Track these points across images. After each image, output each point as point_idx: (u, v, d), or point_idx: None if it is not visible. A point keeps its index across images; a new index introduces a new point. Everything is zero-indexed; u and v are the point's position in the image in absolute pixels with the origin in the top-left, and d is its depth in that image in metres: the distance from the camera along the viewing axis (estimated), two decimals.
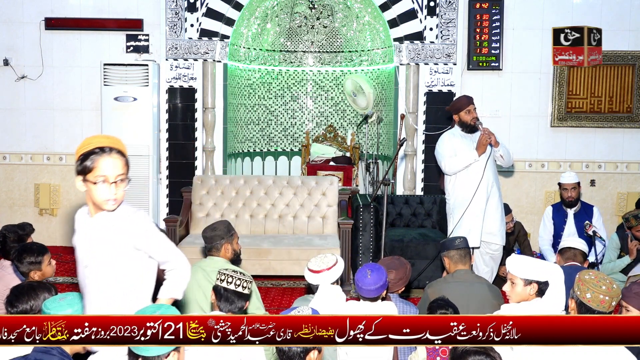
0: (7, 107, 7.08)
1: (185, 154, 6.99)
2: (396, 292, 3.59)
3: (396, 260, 3.65)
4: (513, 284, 3.09)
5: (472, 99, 4.86)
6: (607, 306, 2.73)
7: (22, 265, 3.74)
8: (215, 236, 3.80)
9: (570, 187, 5.63)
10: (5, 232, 4.15)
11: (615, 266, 5.22)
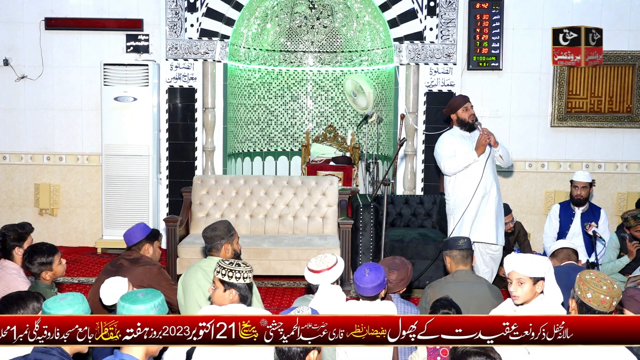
0: (7, 107, 7.08)
1: (185, 154, 6.99)
2: (397, 292, 3.58)
3: (397, 260, 3.65)
4: (521, 284, 3.07)
5: (467, 97, 4.87)
6: (608, 306, 2.73)
7: (33, 267, 3.75)
8: (215, 236, 3.79)
9: (581, 185, 5.65)
10: (4, 232, 4.15)
11: (615, 266, 5.22)
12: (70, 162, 7.14)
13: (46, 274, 3.76)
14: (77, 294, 2.54)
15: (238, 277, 2.97)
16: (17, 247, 4.09)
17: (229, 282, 2.98)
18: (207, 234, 3.82)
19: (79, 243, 7.19)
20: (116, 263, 4.15)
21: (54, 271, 3.80)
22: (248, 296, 3.02)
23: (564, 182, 6.79)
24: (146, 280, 4.06)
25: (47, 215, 7.20)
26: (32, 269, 3.76)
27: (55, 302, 2.47)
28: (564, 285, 3.53)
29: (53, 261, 3.78)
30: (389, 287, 3.50)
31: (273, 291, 5.68)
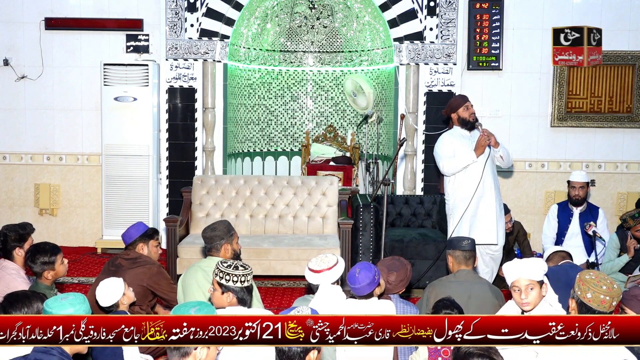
0: (7, 107, 7.08)
1: (185, 154, 6.99)
2: (397, 293, 3.58)
3: (397, 261, 3.64)
4: (532, 289, 3.04)
5: (467, 97, 4.87)
6: (608, 306, 2.73)
7: (36, 266, 3.75)
8: (215, 236, 3.79)
9: (578, 186, 5.65)
10: (5, 232, 4.15)
11: (615, 265, 5.23)
12: (70, 162, 7.14)
13: (48, 273, 3.77)
14: (78, 294, 2.54)
15: (235, 281, 2.96)
16: (17, 247, 4.09)
17: (226, 285, 2.97)
18: (206, 234, 3.81)
19: (79, 243, 7.19)
20: (115, 263, 4.15)
21: (56, 271, 3.80)
22: (246, 299, 2.99)
23: (564, 182, 6.79)
24: (145, 280, 4.06)
25: (47, 215, 7.20)
26: (34, 268, 3.77)
27: (56, 301, 2.47)
28: (563, 283, 3.54)
29: (55, 261, 3.78)
30: (388, 288, 3.50)
31: (273, 291, 5.68)
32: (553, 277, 3.75)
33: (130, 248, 4.24)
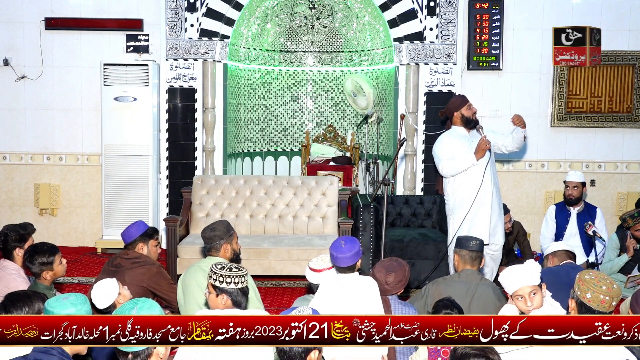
0: (7, 107, 7.08)
1: (185, 154, 6.99)
2: (395, 294, 3.58)
3: (395, 262, 3.63)
4: (534, 295, 3.02)
5: (466, 97, 4.86)
6: (608, 306, 2.73)
7: (34, 266, 3.75)
8: (214, 236, 3.78)
9: (572, 185, 5.65)
10: (6, 232, 4.15)
11: (614, 265, 5.23)
12: (70, 162, 7.14)
13: (47, 273, 3.76)
14: (79, 295, 2.55)
15: (229, 282, 2.95)
16: (18, 247, 4.09)
17: (220, 287, 2.96)
18: (206, 234, 3.81)
19: (79, 243, 7.19)
20: (114, 263, 4.13)
21: (55, 271, 3.80)
22: (241, 301, 2.97)
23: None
24: (145, 280, 4.05)
25: (47, 215, 7.20)
26: (32, 268, 3.76)
27: (58, 301, 2.47)
28: (564, 283, 3.53)
29: (54, 261, 3.78)
30: (386, 289, 3.49)
31: (273, 291, 5.68)
32: (554, 277, 3.74)
33: (129, 247, 4.23)
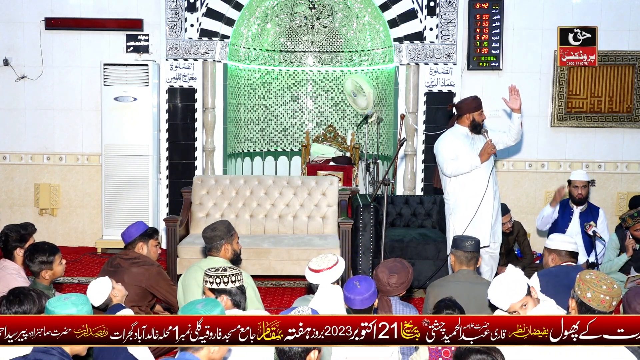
0: (7, 107, 7.08)
1: (185, 154, 6.99)
2: (397, 295, 3.58)
3: (399, 263, 3.61)
4: (525, 307, 2.99)
5: (481, 101, 4.85)
6: (608, 306, 2.73)
7: (34, 265, 3.75)
8: (215, 236, 3.78)
9: (581, 185, 5.63)
10: (7, 232, 4.15)
11: (614, 265, 5.22)
12: (70, 162, 7.14)
13: (46, 273, 3.76)
14: (80, 295, 2.55)
15: (226, 282, 2.94)
16: (18, 247, 4.09)
17: (218, 289, 2.96)
18: (206, 235, 3.81)
19: (79, 243, 7.19)
20: (113, 263, 4.13)
21: (54, 271, 3.80)
22: (240, 301, 2.97)
23: (564, 182, 6.77)
24: (144, 280, 4.04)
25: (47, 215, 7.20)
26: (32, 267, 3.76)
27: (59, 301, 2.47)
28: (564, 285, 3.52)
29: (54, 260, 3.78)
30: (389, 290, 3.49)
31: (273, 291, 5.68)
32: (554, 278, 3.72)
33: (129, 247, 4.22)
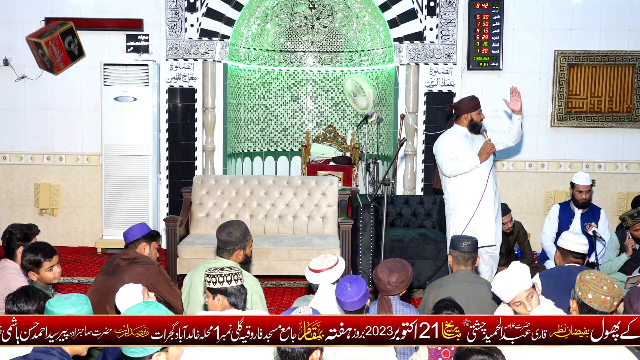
0: (7, 107, 7.08)
1: (185, 154, 6.99)
2: (397, 294, 3.58)
3: (398, 262, 3.61)
4: (532, 298, 3.02)
5: (479, 101, 4.86)
6: (609, 306, 2.73)
7: (24, 260, 3.75)
8: (229, 242, 3.70)
9: (585, 189, 5.59)
10: (11, 229, 4.16)
11: (613, 265, 5.22)
12: (70, 162, 7.14)
13: (32, 274, 3.74)
14: (80, 295, 2.55)
15: (222, 281, 2.94)
16: (21, 246, 4.09)
17: (214, 289, 2.95)
18: (222, 238, 3.72)
19: (79, 243, 7.19)
20: (113, 263, 4.11)
21: (41, 275, 3.76)
22: (237, 302, 2.95)
23: (564, 182, 6.79)
24: (144, 280, 4.00)
25: (47, 215, 7.20)
26: (23, 261, 3.76)
27: (59, 301, 2.48)
28: (564, 287, 3.50)
29: (41, 266, 3.73)
30: (388, 289, 3.49)
31: (273, 291, 5.68)
32: (555, 280, 3.68)
33: (131, 247, 4.21)
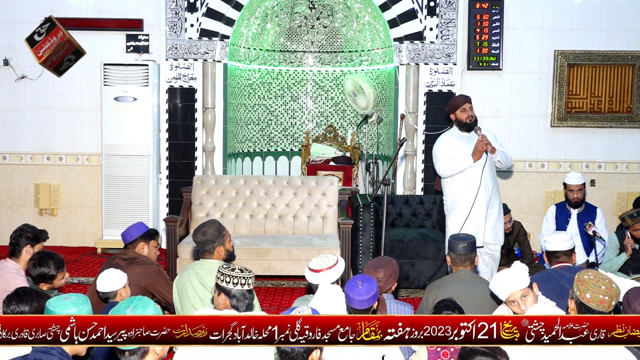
0: (7, 107, 7.08)
1: (185, 154, 6.99)
2: (389, 290, 3.59)
3: (381, 259, 3.71)
4: (526, 297, 3.03)
5: (468, 98, 4.84)
6: (607, 306, 2.73)
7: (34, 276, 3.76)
8: (207, 241, 3.72)
9: (576, 189, 5.60)
10: (24, 227, 4.19)
11: (613, 264, 5.22)
12: (70, 162, 7.14)
13: (44, 285, 3.77)
14: (80, 295, 2.55)
15: (228, 282, 2.94)
16: (29, 245, 4.10)
17: (220, 286, 2.97)
18: (198, 239, 3.74)
19: (79, 243, 7.19)
20: (112, 263, 4.11)
21: (53, 284, 3.81)
22: (238, 305, 2.94)
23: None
24: (144, 280, 4.03)
25: (47, 215, 7.20)
26: (31, 272, 3.77)
27: (59, 301, 2.48)
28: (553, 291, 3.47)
29: (56, 277, 3.77)
30: (380, 287, 3.50)
31: (273, 291, 5.68)
32: (544, 283, 3.65)
33: (129, 247, 4.22)
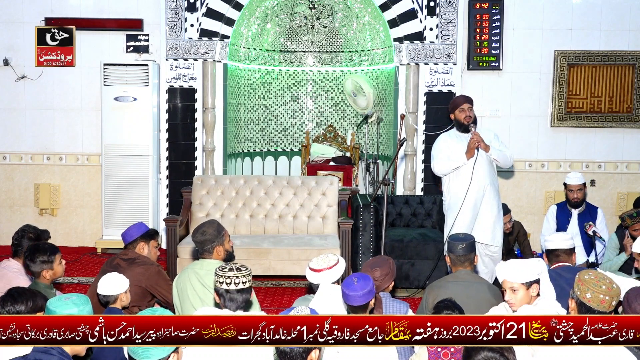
0: (7, 107, 7.08)
1: (185, 154, 6.99)
2: (386, 289, 3.59)
3: (379, 258, 3.72)
4: (514, 292, 3.08)
5: (469, 98, 4.85)
6: (608, 306, 2.73)
7: (35, 265, 3.75)
8: (205, 240, 3.72)
9: (576, 189, 5.60)
10: (26, 228, 4.22)
11: (613, 264, 5.22)
12: (70, 162, 7.14)
13: (47, 272, 3.77)
14: (81, 295, 2.55)
15: (221, 283, 2.94)
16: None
17: (214, 287, 2.97)
18: (197, 239, 3.74)
19: (79, 243, 7.19)
20: (112, 263, 4.11)
21: (55, 270, 3.81)
22: (228, 306, 2.93)
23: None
24: (144, 280, 4.03)
25: (47, 215, 7.20)
26: (32, 267, 3.76)
27: (60, 301, 2.48)
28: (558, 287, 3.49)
29: (54, 260, 3.79)
30: (377, 286, 3.50)
31: (273, 291, 5.68)
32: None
33: (129, 247, 4.22)
